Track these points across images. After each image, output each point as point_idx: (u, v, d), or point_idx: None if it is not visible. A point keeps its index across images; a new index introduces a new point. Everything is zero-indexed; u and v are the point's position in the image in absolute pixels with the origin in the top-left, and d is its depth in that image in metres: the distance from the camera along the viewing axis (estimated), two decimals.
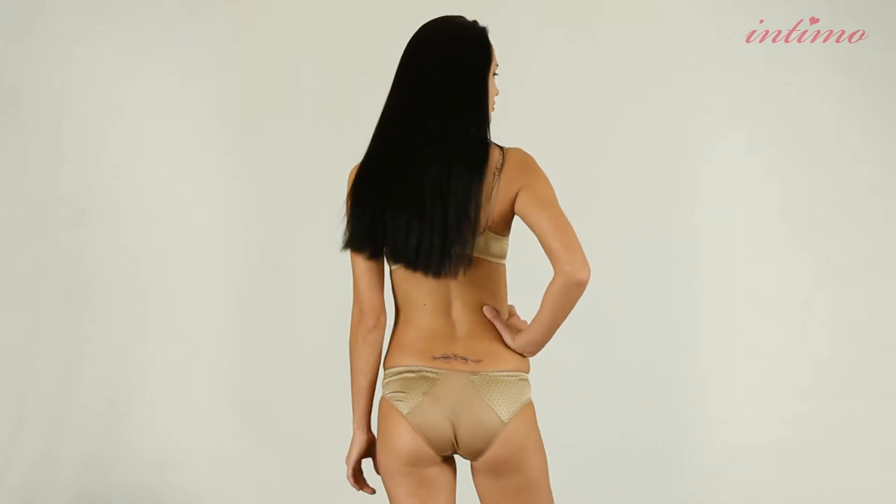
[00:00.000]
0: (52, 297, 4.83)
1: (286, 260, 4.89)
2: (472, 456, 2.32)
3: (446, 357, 2.30)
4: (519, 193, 2.27)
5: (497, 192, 2.28)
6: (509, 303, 2.40)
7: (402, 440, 2.31)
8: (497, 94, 2.39)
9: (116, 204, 4.86)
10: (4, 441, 4.70)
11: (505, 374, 2.30)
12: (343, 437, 4.75)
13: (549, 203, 2.25)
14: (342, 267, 5.35)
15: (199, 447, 4.74)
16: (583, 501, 4.70)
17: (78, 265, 4.84)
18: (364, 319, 2.36)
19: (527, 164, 2.30)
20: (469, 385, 2.28)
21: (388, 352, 2.39)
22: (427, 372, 2.30)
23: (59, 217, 4.83)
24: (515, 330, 2.33)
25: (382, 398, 2.36)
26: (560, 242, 2.19)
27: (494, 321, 2.32)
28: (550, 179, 2.30)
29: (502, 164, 2.28)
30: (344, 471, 2.52)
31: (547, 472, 2.36)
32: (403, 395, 2.31)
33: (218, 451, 4.74)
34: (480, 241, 2.29)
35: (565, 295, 2.20)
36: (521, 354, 2.33)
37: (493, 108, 2.38)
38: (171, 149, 4.89)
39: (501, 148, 2.32)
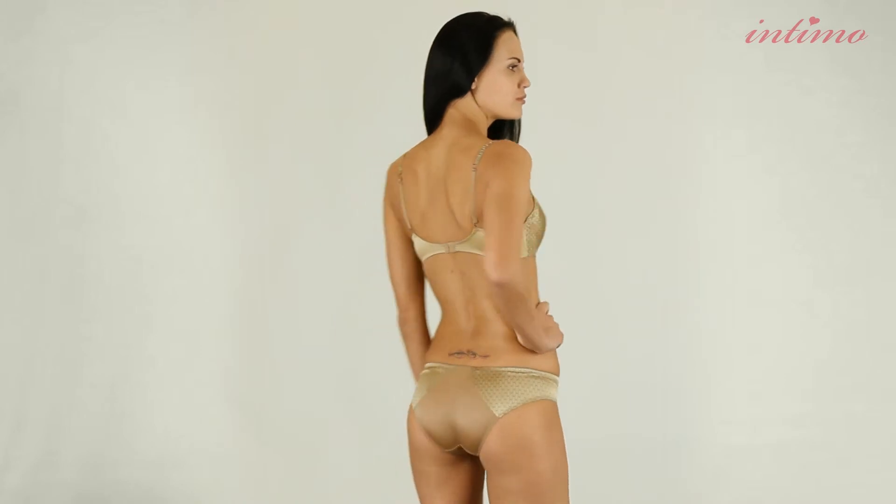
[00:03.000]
0: (52, 297, 4.83)
1: (286, 260, 4.89)
2: (473, 450, 2.31)
3: (460, 353, 2.31)
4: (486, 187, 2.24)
5: (475, 188, 2.24)
6: (543, 299, 2.37)
7: (412, 434, 2.38)
8: (526, 85, 2.38)
9: (116, 204, 4.86)
10: (4, 441, 4.70)
11: (510, 369, 2.26)
12: (343, 437, 4.77)
13: (498, 201, 2.17)
14: (342, 267, 5.36)
15: (199, 447, 4.74)
16: (582, 501, 4.69)
17: (78, 265, 4.84)
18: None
19: (499, 156, 2.23)
20: (470, 379, 2.27)
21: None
22: (439, 368, 2.33)
23: (59, 217, 4.83)
24: None
25: None
26: (489, 242, 2.15)
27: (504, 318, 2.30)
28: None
29: (479, 159, 2.25)
30: (343, 470, 2.53)
31: (559, 478, 2.26)
32: (417, 390, 2.37)
33: (218, 451, 4.74)
34: (476, 238, 2.27)
35: (493, 294, 2.17)
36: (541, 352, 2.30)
37: (521, 99, 2.38)
38: (171, 149, 4.89)
39: (488, 142, 2.28)
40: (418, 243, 2.36)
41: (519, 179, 2.20)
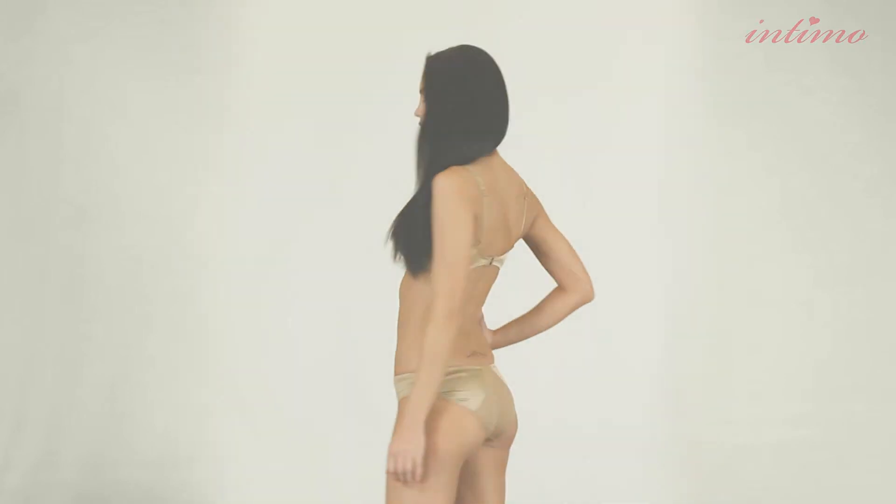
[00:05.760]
0: (52, 297, 4.83)
1: (286, 260, 4.89)
2: (497, 440, 2.45)
3: (474, 353, 2.43)
4: None
5: (526, 213, 2.54)
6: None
7: (471, 437, 2.38)
8: (418, 113, 2.47)
9: (116, 204, 4.86)
10: (4, 441, 4.70)
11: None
12: (342, 437, 4.77)
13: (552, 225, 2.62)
14: (341, 267, 5.35)
15: (199, 447, 4.74)
16: (582, 500, 4.69)
17: (78, 265, 4.84)
18: None
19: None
20: (499, 376, 2.47)
21: None
22: (474, 369, 2.42)
23: (59, 217, 4.83)
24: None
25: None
26: (578, 261, 2.59)
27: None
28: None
29: (527, 190, 2.53)
30: (343, 470, 2.54)
31: None
32: (471, 393, 2.39)
33: (218, 451, 4.74)
34: (508, 254, 2.51)
35: (577, 306, 2.63)
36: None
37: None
38: (171, 149, 4.89)
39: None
40: (473, 254, 2.39)
41: None
